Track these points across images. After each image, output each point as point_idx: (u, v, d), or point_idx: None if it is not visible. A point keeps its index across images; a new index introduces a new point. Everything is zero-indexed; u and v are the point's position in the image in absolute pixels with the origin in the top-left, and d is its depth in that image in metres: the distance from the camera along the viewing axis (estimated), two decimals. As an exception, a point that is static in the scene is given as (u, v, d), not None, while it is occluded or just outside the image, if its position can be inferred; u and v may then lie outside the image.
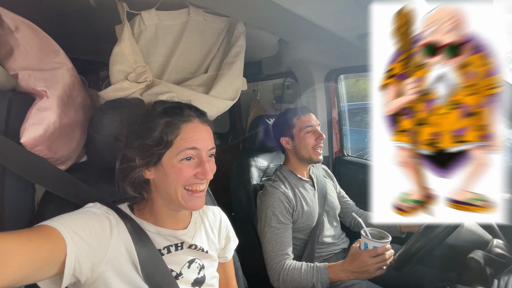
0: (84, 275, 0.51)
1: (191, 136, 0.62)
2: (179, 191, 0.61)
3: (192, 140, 0.62)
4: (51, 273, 0.47)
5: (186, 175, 0.61)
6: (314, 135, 1.15)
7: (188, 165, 0.62)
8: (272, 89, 2.11)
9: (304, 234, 1.13)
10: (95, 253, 0.53)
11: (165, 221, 0.67)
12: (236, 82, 1.07)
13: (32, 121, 0.61)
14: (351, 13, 0.66)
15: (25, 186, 0.69)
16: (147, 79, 0.84)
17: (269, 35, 1.29)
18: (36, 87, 0.65)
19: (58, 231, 0.48)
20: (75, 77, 0.75)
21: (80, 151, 0.79)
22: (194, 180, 0.62)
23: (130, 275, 0.58)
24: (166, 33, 0.95)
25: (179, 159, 0.61)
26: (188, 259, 0.68)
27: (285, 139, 1.19)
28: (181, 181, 0.61)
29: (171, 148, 0.61)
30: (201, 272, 0.70)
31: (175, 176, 0.61)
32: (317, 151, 1.15)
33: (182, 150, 0.61)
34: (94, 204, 0.61)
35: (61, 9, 0.99)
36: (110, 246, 0.56)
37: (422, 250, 0.74)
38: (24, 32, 0.69)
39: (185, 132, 0.62)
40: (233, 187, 1.33)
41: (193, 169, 0.62)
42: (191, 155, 0.62)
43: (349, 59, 1.40)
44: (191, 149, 0.62)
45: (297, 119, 1.18)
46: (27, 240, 0.43)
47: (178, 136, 0.61)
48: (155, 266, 0.61)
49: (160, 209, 0.66)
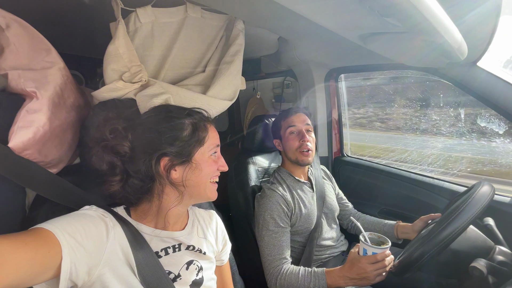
0: (81, 279, 0.51)
1: (215, 135, 0.74)
2: (207, 184, 0.69)
3: (217, 138, 0.74)
4: (47, 277, 0.46)
5: (215, 168, 0.71)
6: (297, 136, 1.12)
7: (214, 159, 0.71)
8: (271, 87, 2.08)
9: (303, 237, 1.12)
10: (92, 257, 0.52)
11: (159, 222, 0.67)
12: (234, 81, 1.05)
13: (21, 123, 0.58)
14: (354, 13, 0.63)
15: (15, 189, 0.66)
16: (142, 78, 0.81)
17: (269, 32, 1.26)
18: (26, 87, 0.62)
19: (54, 234, 0.47)
20: (67, 76, 0.72)
21: (72, 153, 0.77)
22: (217, 173, 0.72)
23: (127, 278, 0.57)
24: (162, 31, 0.92)
25: (210, 154, 0.70)
26: (186, 260, 0.68)
27: (276, 141, 1.19)
28: (212, 173, 0.70)
29: (203, 145, 0.69)
30: (200, 273, 0.70)
31: (208, 169, 0.69)
32: (302, 153, 1.11)
33: (214, 147, 0.71)
34: (90, 207, 0.60)
35: (54, 6, 0.96)
36: (107, 249, 0.55)
37: (424, 257, 0.72)
38: (15, 30, 0.67)
39: (211, 131, 0.72)
40: (230, 188, 1.32)
41: (216, 164, 0.72)
42: (216, 150, 0.72)
43: (350, 58, 1.37)
44: (217, 146, 0.73)
45: (283, 120, 1.16)
46: (23, 244, 0.42)
47: (207, 134, 0.70)
48: (151, 269, 0.61)
49: (159, 211, 0.66)
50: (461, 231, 0.70)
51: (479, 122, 1.42)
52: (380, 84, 1.93)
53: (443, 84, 1.30)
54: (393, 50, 0.96)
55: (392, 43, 0.86)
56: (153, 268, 0.61)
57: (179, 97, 0.89)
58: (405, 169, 1.44)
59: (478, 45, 0.95)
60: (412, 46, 0.85)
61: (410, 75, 1.67)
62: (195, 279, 0.69)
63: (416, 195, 1.33)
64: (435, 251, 0.70)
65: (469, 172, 1.62)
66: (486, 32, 0.89)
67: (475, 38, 0.90)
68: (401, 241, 1.16)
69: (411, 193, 1.34)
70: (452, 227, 0.70)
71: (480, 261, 0.68)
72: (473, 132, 1.56)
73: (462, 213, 0.72)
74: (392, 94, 1.90)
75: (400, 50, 0.94)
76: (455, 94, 1.57)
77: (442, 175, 1.46)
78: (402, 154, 1.88)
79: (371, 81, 1.95)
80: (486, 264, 0.67)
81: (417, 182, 1.34)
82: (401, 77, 1.83)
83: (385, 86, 1.92)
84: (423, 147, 1.83)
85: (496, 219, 0.88)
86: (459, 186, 1.24)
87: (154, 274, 0.61)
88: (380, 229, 1.18)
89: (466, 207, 0.73)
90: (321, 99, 1.60)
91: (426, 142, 1.84)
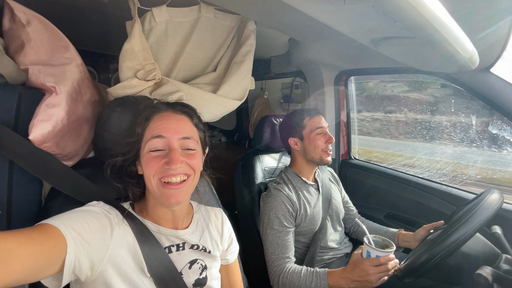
0: (84, 273, 0.52)
1: (158, 124, 0.62)
2: (154, 183, 0.60)
3: (158, 129, 0.61)
4: (52, 271, 0.47)
5: (154, 166, 0.60)
6: (324, 137, 1.14)
7: (156, 155, 0.61)
8: (280, 88, 2.09)
9: (307, 238, 1.13)
10: (95, 252, 0.53)
11: (162, 220, 0.66)
12: (244, 81, 1.06)
13: (41, 117, 0.61)
14: (367, 17, 0.64)
15: (32, 180, 0.69)
16: (156, 77, 0.83)
17: (280, 33, 1.27)
18: (46, 82, 0.65)
19: (59, 229, 0.48)
20: (84, 73, 0.74)
21: (87, 147, 0.79)
22: (167, 172, 0.60)
23: (130, 274, 0.58)
24: (176, 30, 0.94)
25: (148, 150, 0.61)
26: (190, 260, 0.68)
27: (293, 139, 1.18)
28: (151, 172, 0.60)
29: (143, 140, 0.62)
30: (203, 273, 0.70)
31: (145, 167, 0.61)
32: (327, 152, 1.15)
33: (149, 139, 0.61)
34: (97, 203, 0.61)
35: (73, 3, 0.99)
36: (110, 246, 0.56)
37: (431, 261, 0.72)
38: (36, 27, 0.69)
39: (152, 122, 0.63)
40: (237, 186, 1.33)
41: (161, 159, 0.60)
42: (159, 145, 0.61)
43: (360, 61, 1.37)
44: (157, 138, 0.61)
45: (308, 120, 1.16)
46: (29, 239, 0.43)
47: (147, 127, 0.63)
48: (161, 262, 0.61)
49: (154, 207, 0.66)
50: (469, 237, 0.70)
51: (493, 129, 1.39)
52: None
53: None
54: (404, 54, 0.95)
55: (404, 48, 0.86)
56: (162, 261, 0.61)
57: (190, 96, 0.91)
58: (413, 174, 1.43)
59: (491, 51, 0.94)
60: (423, 51, 0.84)
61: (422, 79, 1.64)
62: (198, 278, 0.68)
63: (423, 201, 1.32)
64: (442, 255, 0.70)
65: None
66: (500, 38, 0.88)
67: (488, 44, 0.89)
68: (401, 249, 1.15)
69: (419, 198, 1.33)
70: (459, 233, 0.70)
71: (486, 268, 0.68)
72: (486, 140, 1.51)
73: (471, 219, 0.72)
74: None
75: (411, 54, 0.94)
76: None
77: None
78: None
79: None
80: (491, 272, 0.67)
81: (425, 188, 1.33)
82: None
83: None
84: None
85: (504, 228, 0.87)
86: (467, 192, 1.23)
87: (164, 267, 0.61)
88: (382, 235, 1.19)
89: (474, 213, 0.72)
90: (330, 101, 1.60)
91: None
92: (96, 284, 0.55)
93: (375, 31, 0.75)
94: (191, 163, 0.63)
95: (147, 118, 0.64)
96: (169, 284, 0.61)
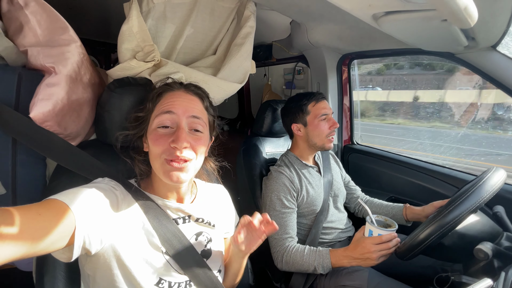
0: (94, 247, 0.53)
1: (169, 101, 0.63)
2: (159, 161, 0.60)
3: (169, 105, 0.62)
4: (61, 245, 0.48)
5: (161, 144, 0.59)
6: (328, 123, 1.13)
7: (163, 133, 0.60)
8: (282, 74, 2.07)
9: (309, 219, 1.14)
10: (103, 227, 0.54)
11: (167, 195, 0.68)
12: (244, 64, 1.05)
13: (41, 96, 0.62)
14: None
15: (36, 160, 0.71)
16: (155, 58, 0.83)
17: (281, 16, 1.24)
18: (45, 63, 0.65)
19: (67, 205, 0.49)
20: (83, 54, 0.74)
21: (88, 128, 0.80)
22: (172, 151, 0.59)
23: (138, 247, 0.59)
24: (174, 12, 0.93)
25: (156, 126, 0.61)
26: (196, 232, 0.70)
27: (296, 125, 1.17)
28: (157, 151, 0.59)
29: (152, 115, 0.63)
30: (208, 245, 0.72)
31: (152, 144, 0.61)
32: (330, 138, 1.14)
33: (158, 114, 0.61)
34: (102, 179, 0.62)
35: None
36: (117, 220, 0.57)
37: (430, 238, 0.72)
38: (33, 8, 0.69)
39: (164, 98, 0.64)
40: (239, 172, 1.34)
41: (168, 138, 0.59)
42: (167, 121, 0.61)
43: (364, 43, 1.34)
44: (167, 113, 0.61)
45: (312, 106, 1.15)
46: (37, 215, 0.44)
47: (158, 102, 0.64)
48: (173, 233, 0.63)
49: (160, 183, 0.67)
50: (468, 214, 0.70)
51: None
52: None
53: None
54: (408, 32, 0.93)
55: (408, 25, 0.83)
56: (174, 232, 0.63)
57: (190, 78, 0.90)
58: (415, 157, 1.42)
59: (496, 29, 0.91)
60: (428, 27, 0.82)
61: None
62: (203, 249, 0.71)
63: (425, 183, 1.31)
64: (441, 233, 0.70)
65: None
66: (505, 15, 0.85)
67: (493, 22, 0.86)
68: (410, 223, 1.15)
69: (421, 181, 1.33)
70: (459, 210, 0.70)
71: (486, 244, 0.68)
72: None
73: (471, 196, 0.71)
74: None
75: (415, 32, 0.91)
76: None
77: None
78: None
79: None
80: (492, 247, 0.67)
81: (427, 171, 1.32)
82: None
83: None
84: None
85: (507, 208, 0.86)
86: (469, 174, 1.22)
87: (176, 237, 0.63)
88: (388, 211, 1.18)
89: (475, 190, 0.72)
90: (333, 85, 1.58)
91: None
92: (106, 257, 0.56)
93: (376, 5, 0.73)
94: (195, 146, 0.63)
95: (159, 94, 0.65)
96: (181, 253, 0.63)
